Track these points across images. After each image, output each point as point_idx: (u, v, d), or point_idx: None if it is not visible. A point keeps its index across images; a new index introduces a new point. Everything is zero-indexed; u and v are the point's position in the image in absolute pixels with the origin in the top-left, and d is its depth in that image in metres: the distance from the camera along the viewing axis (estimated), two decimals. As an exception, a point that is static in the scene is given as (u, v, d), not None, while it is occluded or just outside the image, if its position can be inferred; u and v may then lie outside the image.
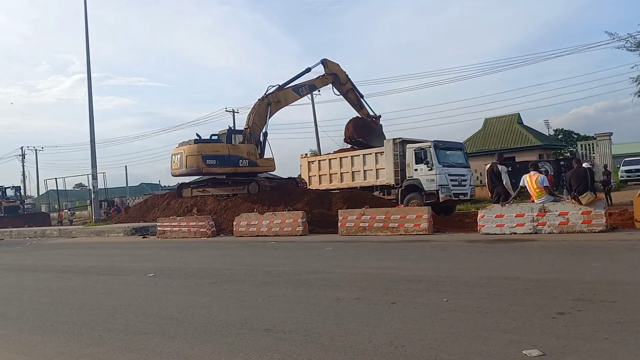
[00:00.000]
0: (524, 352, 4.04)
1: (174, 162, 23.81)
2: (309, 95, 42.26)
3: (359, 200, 19.42)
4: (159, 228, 20.91)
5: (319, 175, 24.91)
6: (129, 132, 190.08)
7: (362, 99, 26.51)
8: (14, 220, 38.50)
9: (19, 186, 52.32)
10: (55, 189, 51.46)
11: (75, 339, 5.56)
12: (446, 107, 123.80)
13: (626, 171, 33.63)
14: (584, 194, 11.85)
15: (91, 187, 29.58)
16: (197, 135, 24.06)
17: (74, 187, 75.80)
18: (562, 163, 26.23)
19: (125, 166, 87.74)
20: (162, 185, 71.87)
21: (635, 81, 34.90)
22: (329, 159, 24.94)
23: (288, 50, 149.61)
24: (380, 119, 26.73)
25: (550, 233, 12.05)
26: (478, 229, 13.30)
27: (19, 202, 46.46)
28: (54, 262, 14.50)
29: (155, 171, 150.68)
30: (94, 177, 30.02)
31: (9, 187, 46.93)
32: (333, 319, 5.59)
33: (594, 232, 11.54)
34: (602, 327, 4.57)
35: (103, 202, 41.88)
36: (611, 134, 31.34)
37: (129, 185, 72.18)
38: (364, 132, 25.56)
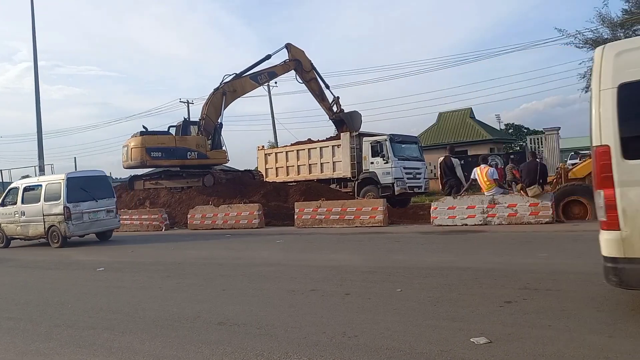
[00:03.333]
0: (472, 339, 4.15)
1: (123, 154, 23.25)
2: (266, 87, 41.94)
3: (315, 193, 19.47)
4: (110, 221, 20.34)
5: (276, 168, 24.80)
6: (79, 123, 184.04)
7: (327, 90, 25.28)
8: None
9: (-40, 178, 49.86)
10: (0, 181, 49.35)
11: (20, 335, 5.37)
12: (402, 101, 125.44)
13: (573, 164, 34.94)
14: (532, 187, 12.25)
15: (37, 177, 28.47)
16: (144, 127, 23.51)
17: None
18: (512, 157, 27.01)
19: (75, 158, 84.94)
20: (114, 178, 70.03)
21: (583, 77, 36.26)
22: (286, 152, 24.85)
23: (245, 40, 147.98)
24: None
25: (499, 224, 12.42)
26: (431, 220, 13.57)
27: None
28: (-2, 257, 13.92)
29: (106, 163, 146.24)
30: (41, 169, 28.91)
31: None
32: (288, 311, 5.59)
33: (541, 223, 11.95)
34: (546, 314, 4.75)
35: (51, 195, 40.39)
36: (559, 128, 32.46)
37: (79, 177, 69.85)
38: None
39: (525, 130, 61.82)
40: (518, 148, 47.90)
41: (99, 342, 4.89)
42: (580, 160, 14.01)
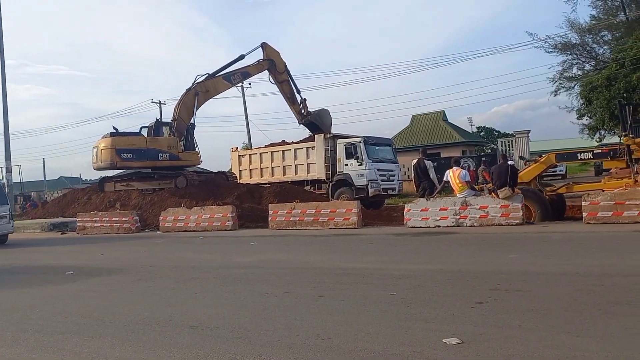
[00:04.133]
0: (444, 340, 4.19)
1: (92, 155, 22.83)
2: (240, 88, 41.68)
3: (289, 195, 19.44)
4: (79, 224, 19.97)
5: (250, 169, 24.69)
6: (48, 123, 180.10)
7: (298, 95, 25.25)
8: None
9: None
10: (-35, 183, 47.90)
11: (-17, 342, 5.21)
12: (376, 104, 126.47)
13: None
14: (502, 189, 12.46)
15: (5, 181, 27.74)
16: (114, 128, 23.12)
17: (-14, 181, 70.77)
18: (483, 159, 27.43)
19: (43, 159, 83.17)
20: (83, 179, 68.69)
21: (552, 81, 37.11)
22: (260, 153, 24.77)
23: (218, 41, 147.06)
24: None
25: (471, 226, 12.59)
26: (405, 222, 13.68)
27: None
28: (-38, 260, 13.50)
29: (76, 164, 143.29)
30: (8, 170, 28.18)
31: None
32: (261, 314, 5.56)
33: (512, 225, 12.16)
34: (516, 315, 4.82)
35: (18, 197, 39.47)
36: (529, 131, 33.12)
37: (47, 178, 68.44)
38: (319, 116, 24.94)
39: (496, 133, 62.90)
40: (489, 151, 48.66)
41: (68, 347, 4.78)
42: (525, 165, 14.41)
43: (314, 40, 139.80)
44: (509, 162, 13.16)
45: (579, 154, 14.15)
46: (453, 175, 13.17)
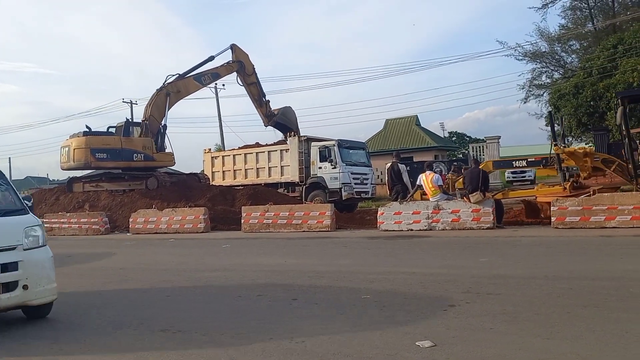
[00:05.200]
0: (417, 343, 4.21)
1: (62, 155, 22.25)
2: (213, 89, 41.33)
3: (263, 197, 19.33)
4: (45, 225, 19.48)
5: (223, 171, 24.48)
6: (14, 122, 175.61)
7: (263, 98, 25.32)
8: None
9: None
10: None
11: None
12: (350, 107, 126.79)
13: (512, 172, 36.35)
14: (474, 193, 12.63)
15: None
16: (87, 127, 22.62)
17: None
18: (454, 164, 27.78)
19: (9, 158, 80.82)
20: (51, 179, 67.19)
21: (522, 88, 37.87)
22: (234, 155, 24.59)
23: (192, 42, 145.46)
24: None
25: (443, 230, 12.72)
26: (378, 225, 13.75)
27: None
28: None
29: (43, 164, 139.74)
30: (-27, 169, 27.36)
31: None
32: (234, 316, 5.51)
33: (483, 228, 12.34)
34: (488, 318, 4.88)
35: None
36: (499, 137, 33.71)
37: (13, 178, 66.73)
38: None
39: (467, 139, 63.83)
40: (461, 155, 49.36)
41: (36, 353, 4.65)
42: (463, 172, 14.80)
43: (289, 43, 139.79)
44: (480, 167, 13.34)
45: (514, 162, 14.79)
46: (426, 179, 13.30)
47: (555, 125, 16.61)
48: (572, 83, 29.52)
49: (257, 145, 24.95)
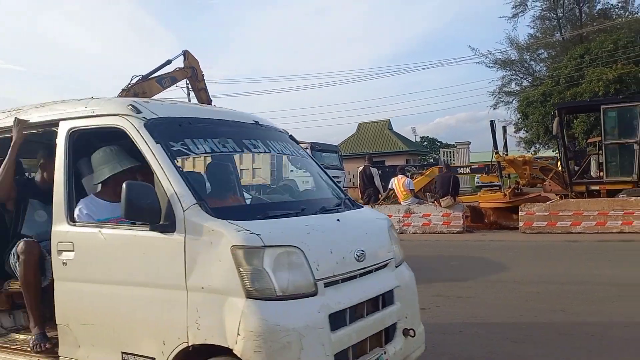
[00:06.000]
0: (388, 347, 4.19)
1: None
2: (185, 90, 40.90)
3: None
4: None
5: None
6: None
7: (210, 104, 25.30)
8: None
9: None
10: None
11: None
12: (323, 110, 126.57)
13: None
14: (445, 198, 12.76)
15: None
16: None
17: None
18: (424, 169, 28.07)
19: (-28, 155, 78.38)
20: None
21: (492, 95, 38.54)
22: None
23: (164, 42, 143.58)
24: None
25: (414, 233, 12.80)
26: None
27: None
28: None
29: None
30: None
31: None
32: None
33: (453, 232, 12.46)
34: (457, 321, 4.91)
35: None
36: (470, 143, 34.23)
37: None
38: None
39: (438, 144, 64.62)
40: (432, 160, 49.94)
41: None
42: (412, 177, 15.16)
43: (262, 44, 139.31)
44: (451, 172, 13.49)
45: (459, 169, 15.19)
46: (398, 183, 13.37)
47: (523, 132, 17.05)
48: (540, 91, 30.18)
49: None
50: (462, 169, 15.52)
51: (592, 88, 26.14)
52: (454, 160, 33.13)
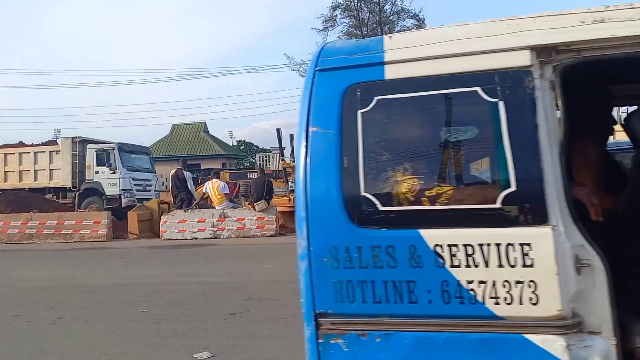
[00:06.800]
0: (195, 355, 4.08)
1: None
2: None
3: (26, 204, 17.08)
4: None
5: (-25, 174, 21.01)
6: None
7: None
8: None
9: None
10: None
11: None
12: (133, 109, 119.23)
13: (294, 182, 38.45)
14: (259, 202, 12.95)
15: None
16: None
17: None
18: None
19: None
20: None
21: (304, 104, 40.20)
22: (-10, 155, 21.30)
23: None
24: None
25: (228, 237, 12.75)
26: (160, 234, 13.17)
27: None
28: None
29: None
30: None
31: None
32: (-22, 344, 4.67)
33: (266, 236, 12.70)
34: (266, 323, 4.98)
35: None
36: (284, 147, 35.41)
37: None
38: None
39: (255, 148, 65.64)
40: (248, 164, 50.49)
41: None
42: (200, 182, 15.92)
43: (66, 34, 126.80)
44: (266, 177, 13.76)
45: (248, 174, 16.26)
46: (212, 187, 13.22)
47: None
48: (347, 102, 32.39)
49: (22, 144, 22.10)
50: (251, 174, 16.40)
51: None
52: (269, 165, 33.95)
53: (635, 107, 2.42)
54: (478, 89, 1.80)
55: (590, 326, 1.66)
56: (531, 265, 1.66)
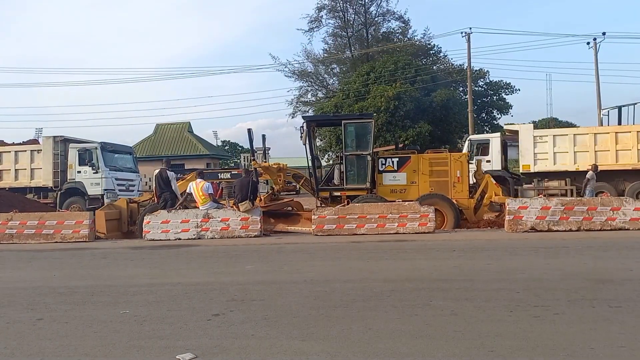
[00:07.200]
0: (177, 357, 4.06)
1: None
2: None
3: (6, 204, 16.83)
4: None
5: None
6: None
7: None
8: None
9: None
10: None
11: None
12: (116, 108, 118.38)
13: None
14: (243, 202, 12.90)
15: None
16: None
17: None
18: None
19: None
20: None
21: (290, 104, 40.34)
22: (-31, 154, 20.99)
23: None
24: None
25: (212, 238, 12.69)
26: (143, 235, 13.06)
27: None
28: None
29: None
30: None
31: None
32: (-45, 346, 4.59)
33: (251, 237, 12.66)
34: (250, 324, 4.97)
35: None
36: (270, 148, 35.33)
37: None
38: None
39: (240, 148, 65.38)
40: (233, 164, 50.29)
41: None
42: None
43: (49, 32, 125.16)
44: (251, 177, 13.70)
45: (219, 174, 16.17)
46: (196, 187, 13.15)
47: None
48: (332, 102, 32.55)
49: (2, 143, 21.85)
50: (223, 174, 16.48)
51: (376, 103, 29.04)
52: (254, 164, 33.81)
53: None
54: None
55: None
56: None
